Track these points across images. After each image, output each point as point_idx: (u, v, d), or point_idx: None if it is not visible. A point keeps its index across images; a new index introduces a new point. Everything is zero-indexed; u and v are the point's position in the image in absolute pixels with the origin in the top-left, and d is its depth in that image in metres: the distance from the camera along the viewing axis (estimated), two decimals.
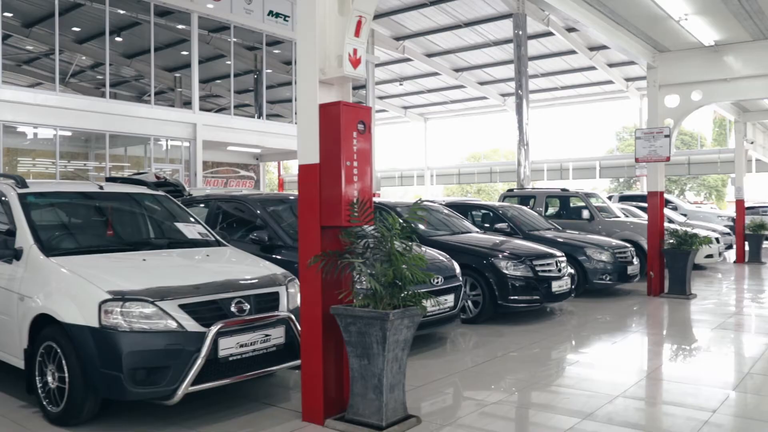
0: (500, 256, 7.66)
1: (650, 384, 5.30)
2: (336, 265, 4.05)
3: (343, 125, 4.01)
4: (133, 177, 10.76)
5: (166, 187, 8.61)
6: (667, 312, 8.88)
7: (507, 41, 22.00)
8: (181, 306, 4.05)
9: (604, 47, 22.04)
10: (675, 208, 19.26)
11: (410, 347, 4.09)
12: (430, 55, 25.26)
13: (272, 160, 28.51)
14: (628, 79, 26.31)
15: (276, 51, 20.28)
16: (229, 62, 18.66)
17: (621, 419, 4.30)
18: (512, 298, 7.49)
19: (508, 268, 7.54)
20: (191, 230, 5.55)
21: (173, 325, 3.98)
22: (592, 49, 23.05)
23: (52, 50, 14.98)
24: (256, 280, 4.60)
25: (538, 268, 7.75)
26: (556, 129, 49.36)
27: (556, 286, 7.85)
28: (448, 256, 6.84)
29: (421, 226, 8.64)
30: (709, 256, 14.00)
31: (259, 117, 19.50)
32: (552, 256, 8.10)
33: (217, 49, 19.02)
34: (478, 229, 9.24)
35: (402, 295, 4.02)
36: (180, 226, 5.57)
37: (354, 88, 24.11)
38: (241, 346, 4.19)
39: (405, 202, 9.68)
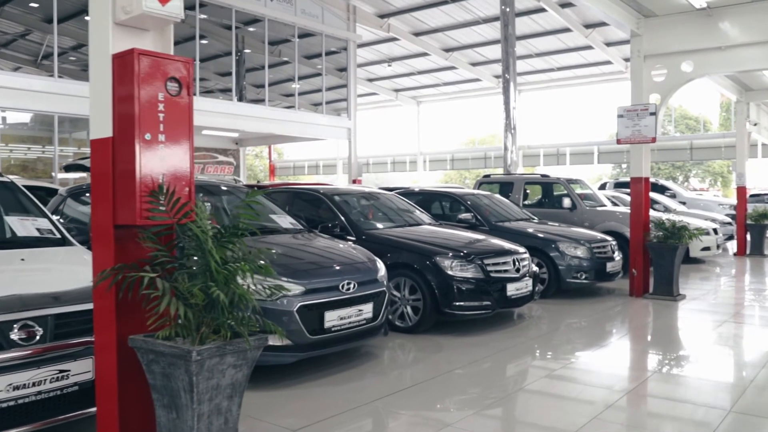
0: (447, 254, 6.47)
1: (606, 424, 4.13)
2: (131, 279, 2.89)
3: (139, 82, 2.83)
4: (76, 162, 9.85)
5: None
6: (647, 317, 7.69)
7: (497, 18, 20.60)
8: None
9: (600, 24, 20.64)
10: (674, 196, 18.03)
11: (243, 392, 2.95)
12: (417, 34, 23.86)
13: (253, 144, 27.30)
14: (627, 59, 24.82)
15: (251, 29, 19.01)
16: (205, 42, 17.46)
17: None
18: (457, 304, 6.30)
19: (453, 269, 6.35)
20: (27, 226, 4.41)
21: None
22: (587, 26, 21.61)
23: (27, 31, 13.94)
24: (70, 293, 3.46)
25: (490, 268, 6.55)
26: (553, 112, 47.49)
27: (512, 290, 6.64)
28: (371, 256, 5.66)
29: (377, 223, 7.54)
30: (706, 248, 12.80)
31: (239, 100, 18.32)
32: (509, 253, 6.89)
33: (194, 29, 17.76)
34: (432, 221, 8.05)
35: (228, 322, 2.88)
36: (12, 220, 4.43)
37: (339, 70, 22.57)
38: (16, 388, 3.05)
39: (350, 188, 8.50)
